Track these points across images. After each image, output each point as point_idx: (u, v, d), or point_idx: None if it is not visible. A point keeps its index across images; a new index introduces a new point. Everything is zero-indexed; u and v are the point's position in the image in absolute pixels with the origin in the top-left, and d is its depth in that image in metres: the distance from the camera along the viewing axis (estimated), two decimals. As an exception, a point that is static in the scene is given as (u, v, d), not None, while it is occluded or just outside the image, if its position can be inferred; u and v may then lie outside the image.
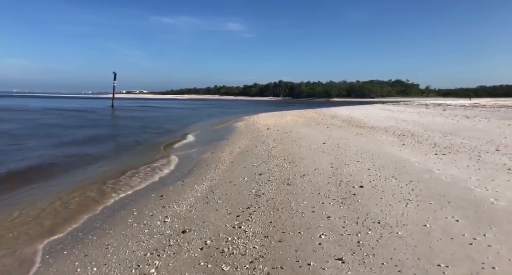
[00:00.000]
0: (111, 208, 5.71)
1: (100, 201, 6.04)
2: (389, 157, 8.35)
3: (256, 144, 12.12)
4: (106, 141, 14.52)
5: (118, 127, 21.89)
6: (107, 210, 5.58)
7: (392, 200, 5.05)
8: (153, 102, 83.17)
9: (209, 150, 11.25)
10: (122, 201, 6.04)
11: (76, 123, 22.91)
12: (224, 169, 8.12)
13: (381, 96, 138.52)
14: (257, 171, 7.65)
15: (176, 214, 5.04)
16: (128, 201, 6.03)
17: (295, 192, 5.82)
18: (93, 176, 7.97)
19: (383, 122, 17.72)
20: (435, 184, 5.72)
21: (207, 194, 6.00)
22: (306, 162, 8.32)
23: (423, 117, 18.98)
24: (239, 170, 7.93)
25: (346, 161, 8.24)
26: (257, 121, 23.04)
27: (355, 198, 5.28)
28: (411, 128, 14.17)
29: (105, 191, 6.64)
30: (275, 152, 10.14)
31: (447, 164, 7.21)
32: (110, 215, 5.27)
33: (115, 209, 5.57)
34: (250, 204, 5.29)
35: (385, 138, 11.75)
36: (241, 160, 9.18)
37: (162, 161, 9.72)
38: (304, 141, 12.08)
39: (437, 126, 14.48)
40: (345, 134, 13.44)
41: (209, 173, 7.83)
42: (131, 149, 12.21)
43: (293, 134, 14.05)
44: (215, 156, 10.01)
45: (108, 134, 16.93)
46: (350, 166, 7.66)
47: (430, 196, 5.09)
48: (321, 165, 7.91)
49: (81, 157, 10.40)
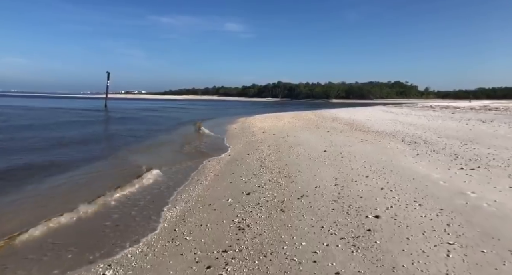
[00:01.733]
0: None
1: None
2: (404, 172, 6.97)
3: (249, 150, 10.74)
4: (94, 143, 13.06)
5: (107, 132, 20.44)
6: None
7: (424, 243, 3.66)
8: (151, 103, 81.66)
9: (195, 157, 9.86)
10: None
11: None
12: (206, 185, 6.72)
13: (380, 97, 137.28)
14: (245, 188, 6.26)
15: (123, 262, 3.64)
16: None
17: (290, 223, 4.43)
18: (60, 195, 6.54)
19: (389, 126, 16.34)
20: (478, 216, 4.32)
21: (176, 225, 4.59)
22: (305, 176, 6.93)
23: (432, 121, 17.53)
24: (223, 186, 6.53)
25: (353, 175, 6.86)
26: (253, 124, 21.65)
27: (372, 236, 3.89)
28: (421, 134, 12.78)
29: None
30: (269, 161, 8.76)
31: (481, 183, 5.81)
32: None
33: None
34: (229, 244, 3.89)
35: (394, 145, 10.38)
36: (228, 172, 7.78)
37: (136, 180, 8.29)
38: (303, 147, 10.71)
39: (451, 132, 13.07)
40: (348, 140, 12.06)
41: (187, 190, 6.43)
42: (105, 157, 10.76)
43: (291, 140, 12.67)
44: (199, 166, 8.63)
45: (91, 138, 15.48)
46: (358, 183, 6.28)
47: (477, 238, 3.70)
48: (323, 180, 6.53)
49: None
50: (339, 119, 21.83)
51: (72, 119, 26.00)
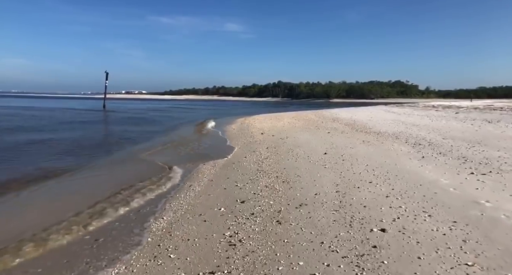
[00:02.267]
0: None
1: None
2: (410, 177, 6.52)
3: (246, 153, 10.31)
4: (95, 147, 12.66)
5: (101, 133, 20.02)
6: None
7: (438, 264, 3.21)
8: (150, 103, 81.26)
9: (190, 160, 9.43)
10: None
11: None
12: (198, 191, 6.29)
13: (381, 97, 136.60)
14: (239, 195, 5.82)
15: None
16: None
17: (287, 238, 3.99)
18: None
19: (391, 127, 15.88)
20: (497, 231, 3.87)
21: (161, 240, 4.16)
22: (304, 182, 6.50)
23: (435, 122, 17.03)
24: (216, 193, 6.10)
25: (355, 181, 6.42)
26: (252, 124, 21.22)
27: (378, 255, 3.45)
28: (425, 135, 12.31)
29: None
30: (267, 164, 8.33)
31: (496, 190, 5.36)
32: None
33: None
34: (217, 264, 3.45)
35: (398, 147, 9.93)
36: (223, 176, 7.35)
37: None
38: (302, 149, 10.27)
39: (456, 133, 12.59)
40: (350, 141, 11.62)
41: (177, 197, 5.99)
42: (96, 158, 10.35)
43: (290, 141, 12.23)
44: (193, 169, 8.20)
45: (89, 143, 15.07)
46: (361, 189, 5.84)
47: (499, 257, 3.25)
48: (324, 186, 6.09)
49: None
50: (340, 120, 21.38)
51: (74, 120, 25.60)
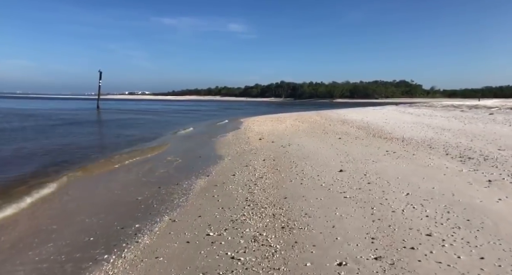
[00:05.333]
0: None
1: None
2: (489, 221, 3.99)
3: (236, 168, 7.87)
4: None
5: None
6: None
7: None
8: (148, 103, 79.17)
9: (163, 182, 6.95)
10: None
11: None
12: (140, 253, 3.80)
13: (385, 97, 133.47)
14: (205, 265, 3.33)
15: None
16: None
17: None
18: None
19: (416, 131, 13.27)
20: None
21: None
22: (317, 229, 4.01)
23: (469, 125, 14.23)
24: (169, 255, 3.61)
25: (401, 229, 3.91)
26: (250, 127, 18.78)
27: None
28: (469, 143, 9.62)
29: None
30: (261, 189, 5.89)
31: None
32: None
33: None
34: None
35: (440, 162, 7.38)
36: (193, 215, 4.85)
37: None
38: (309, 163, 7.80)
39: (510, 140, 9.93)
40: (369, 151, 9.09)
41: (100, 268, 3.51)
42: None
43: (293, 150, 9.74)
44: (158, 198, 5.72)
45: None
46: (418, 252, 3.34)
47: None
48: (351, 244, 3.59)
49: None
50: (350, 122, 18.82)
51: (53, 123, 23.26)
